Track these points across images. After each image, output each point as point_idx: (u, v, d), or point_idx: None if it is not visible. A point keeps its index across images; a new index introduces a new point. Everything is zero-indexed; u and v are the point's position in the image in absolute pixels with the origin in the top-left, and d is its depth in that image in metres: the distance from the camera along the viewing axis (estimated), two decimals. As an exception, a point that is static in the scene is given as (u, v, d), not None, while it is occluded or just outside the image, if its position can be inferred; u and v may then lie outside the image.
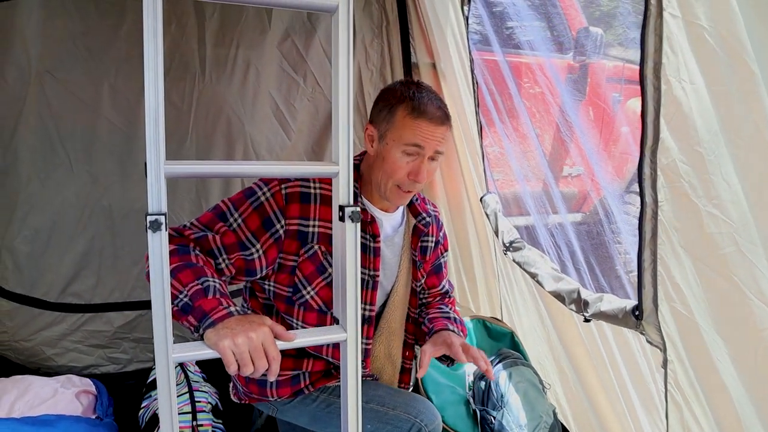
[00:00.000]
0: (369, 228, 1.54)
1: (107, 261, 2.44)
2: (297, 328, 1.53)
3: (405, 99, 1.48)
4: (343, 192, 1.10)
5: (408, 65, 2.68)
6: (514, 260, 2.33)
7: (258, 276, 1.47)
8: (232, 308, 1.14)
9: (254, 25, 2.45)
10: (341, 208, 1.10)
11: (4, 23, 2.11)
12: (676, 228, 1.40)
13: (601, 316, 1.82)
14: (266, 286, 1.54)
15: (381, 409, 1.57)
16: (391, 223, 1.65)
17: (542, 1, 2.35)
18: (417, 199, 1.71)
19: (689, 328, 1.41)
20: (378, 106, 1.53)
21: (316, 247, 1.45)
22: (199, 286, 1.18)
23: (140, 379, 2.33)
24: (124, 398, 2.24)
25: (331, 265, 1.46)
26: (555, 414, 2.11)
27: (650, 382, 1.70)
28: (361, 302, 1.53)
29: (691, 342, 1.42)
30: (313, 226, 1.44)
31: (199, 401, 2.07)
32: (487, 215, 2.49)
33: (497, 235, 2.40)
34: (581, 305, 1.91)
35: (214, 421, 2.03)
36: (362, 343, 1.56)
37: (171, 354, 1.01)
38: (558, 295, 2.05)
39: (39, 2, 2.13)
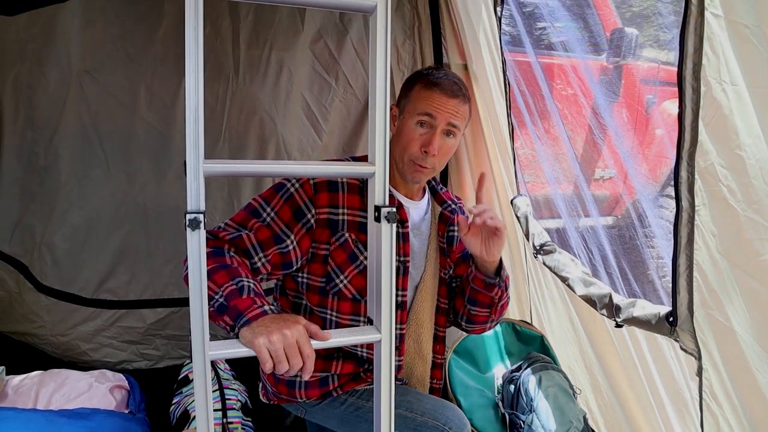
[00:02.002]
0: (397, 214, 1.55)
1: (141, 258, 2.49)
2: (331, 320, 1.54)
3: (422, 75, 1.57)
4: (379, 193, 1.11)
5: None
6: (544, 263, 2.32)
7: (294, 268, 1.49)
8: (266, 307, 1.15)
9: (287, 26, 2.48)
10: (377, 209, 1.11)
11: (48, 26, 2.17)
12: (714, 233, 1.37)
13: (634, 321, 1.80)
14: (299, 279, 1.55)
15: (409, 415, 1.56)
16: (418, 211, 1.66)
17: (577, 1, 2.33)
18: (441, 188, 1.74)
19: (726, 336, 1.39)
20: (402, 90, 1.62)
21: (347, 234, 1.47)
22: (234, 287, 1.20)
23: (171, 376, 2.36)
24: (155, 394, 2.27)
25: (362, 253, 1.48)
26: (586, 420, 2.08)
27: (684, 390, 1.67)
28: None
29: (727, 350, 1.39)
30: (342, 214, 1.46)
31: (229, 399, 2.09)
32: (517, 218, 2.47)
33: (527, 238, 2.38)
34: (613, 310, 1.89)
35: (243, 419, 2.06)
36: (396, 328, 1.53)
37: (207, 351, 1.03)
38: (589, 300, 2.02)
39: (81, 6, 2.18)
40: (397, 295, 1.56)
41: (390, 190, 1.52)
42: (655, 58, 3.46)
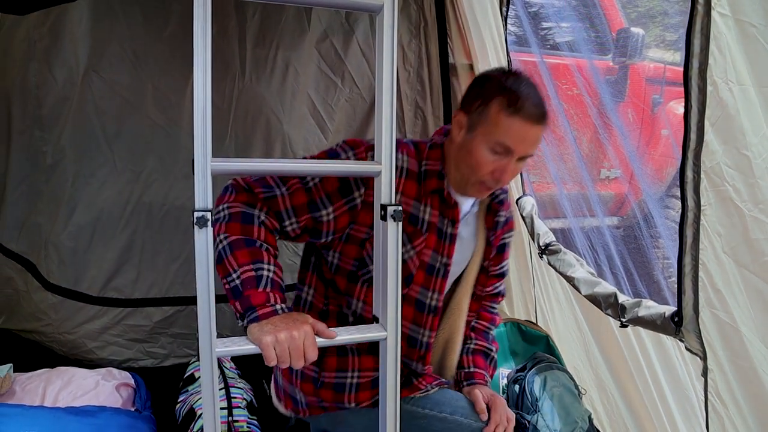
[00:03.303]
0: (450, 213, 1.44)
1: (147, 257, 2.50)
2: (355, 310, 1.44)
3: (502, 91, 1.34)
4: (385, 191, 1.12)
5: (445, 66, 2.68)
6: (549, 263, 2.32)
7: (321, 240, 1.39)
8: (278, 306, 1.15)
9: (293, 26, 2.49)
10: (383, 207, 1.11)
11: (57, 25, 2.18)
12: (719, 233, 1.37)
13: (639, 321, 1.80)
14: (330, 257, 1.45)
15: (440, 415, 1.50)
16: (468, 204, 1.55)
17: (583, 1, 2.33)
18: None
19: (731, 336, 1.39)
20: (472, 94, 1.41)
21: None
22: (252, 273, 1.17)
23: (177, 374, 2.37)
24: (160, 392, 2.28)
25: (404, 245, 1.38)
26: (591, 420, 2.08)
27: (690, 390, 1.67)
28: (428, 290, 1.44)
29: (733, 350, 1.39)
30: (398, 199, 1.36)
31: (235, 397, 2.10)
32: (523, 218, 2.47)
33: (533, 238, 2.38)
34: (618, 310, 1.88)
35: (249, 418, 2.06)
36: (425, 335, 1.48)
37: (214, 348, 1.03)
38: (594, 300, 2.02)
39: (89, 6, 2.20)
40: (431, 299, 1.46)
41: (447, 188, 1.43)
42: (661, 58, 3.46)
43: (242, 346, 1.09)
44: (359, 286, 1.43)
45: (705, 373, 1.47)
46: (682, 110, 1.40)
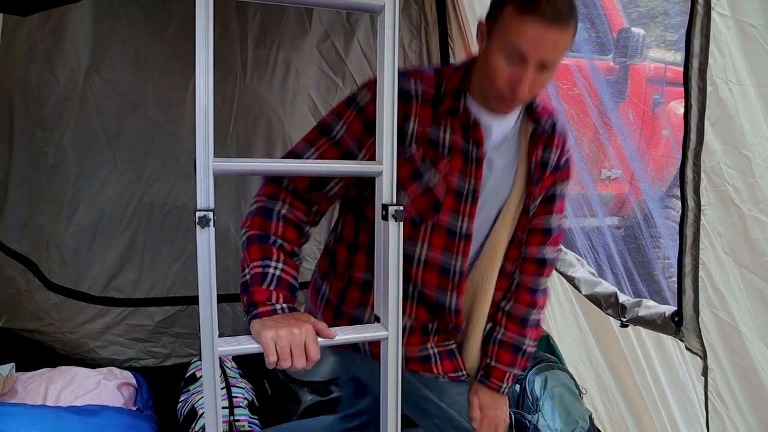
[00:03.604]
0: (472, 133, 1.32)
1: (149, 257, 2.51)
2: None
3: None
4: (386, 191, 1.12)
5: (446, 67, 2.69)
6: (550, 263, 2.32)
7: (368, 188, 1.33)
8: (278, 305, 1.14)
9: (294, 26, 2.49)
10: (384, 207, 1.12)
11: (58, 26, 2.19)
12: (719, 233, 1.38)
13: (639, 321, 1.80)
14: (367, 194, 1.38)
15: (438, 402, 1.48)
16: (502, 128, 1.38)
17: (583, 1, 2.33)
18: (537, 103, 1.40)
19: (732, 336, 1.39)
20: (493, 1, 1.30)
21: (414, 148, 1.31)
22: (259, 270, 1.17)
23: (178, 374, 2.38)
24: (162, 392, 2.28)
25: (428, 171, 1.31)
26: (591, 419, 2.08)
27: (690, 389, 1.68)
28: (458, 217, 1.34)
29: (733, 350, 1.40)
30: (413, 126, 1.30)
31: (236, 396, 2.11)
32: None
33: (534, 238, 2.38)
34: (618, 310, 1.89)
35: (250, 417, 2.07)
36: (458, 262, 1.37)
37: (216, 347, 1.04)
38: (595, 299, 2.03)
39: (91, 7, 2.20)
40: (461, 226, 1.36)
41: (468, 105, 1.33)
42: (661, 58, 3.46)
43: (244, 345, 1.09)
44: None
45: (705, 372, 1.48)
46: (682, 110, 1.40)
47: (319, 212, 1.34)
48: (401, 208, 1.12)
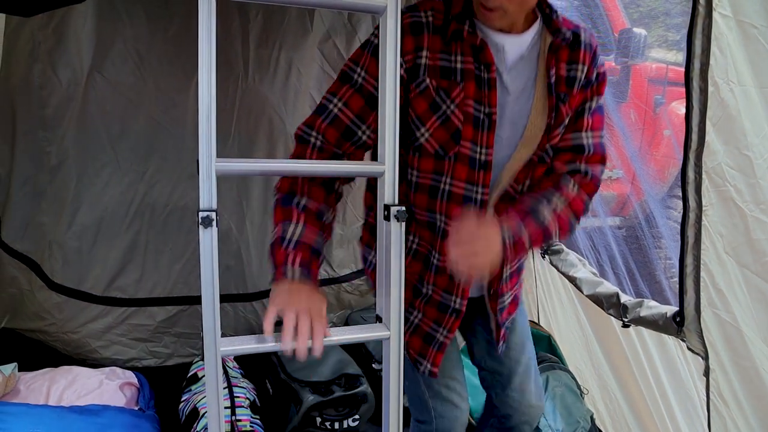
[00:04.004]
0: (481, 56, 1.27)
1: (151, 257, 2.51)
2: (411, 180, 1.35)
3: None
4: (388, 192, 1.12)
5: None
6: (552, 263, 2.32)
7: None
8: (290, 270, 1.14)
9: (296, 26, 2.49)
10: (386, 207, 1.12)
11: (61, 27, 2.19)
12: (721, 233, 1.38)
13: (641, 321, 1.80)
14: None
15: (422, 388, 1.49)
16: (518, 46, 1.31)
17: (585, 2, 2.33)
18: (557, 14, 1.33)
19: (733, 336, 1.39)
20: None
21: (427, 80, 1.28)
22: (279, 234, 1.20)
23: (180, 374, 2.38)
24: (163, 392, 2.29)
25: (444, 102, 1.28)
26: (593, 419, 2.09)
27: (692, 389, 1.68)
28: (477, 145, 1.29)
29: (735, 350, 1.40)
30: (425, 57, 1.27)
31: (238, 396, 2.11)
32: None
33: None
34: (620, 310, 1.89)
35: (252, 417, 2.07)
36: (478, 192, 1.32)
37: (219, 347, 1.04)
38: (596, 300, 2.03)
39: (93, 7, 2.20)
40: (480, 154, 1.31)
41: (477, 25, 1.29)
42: (663, 58, 3.46)
43: (246, 345, 1.09)
44: (411, 155, 1.34)
45: (707, 372, 1.48)
46: (684, 111, 1.40)
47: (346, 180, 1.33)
48: (403, 208, 1.12)
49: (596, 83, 1.36)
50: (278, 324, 2.86)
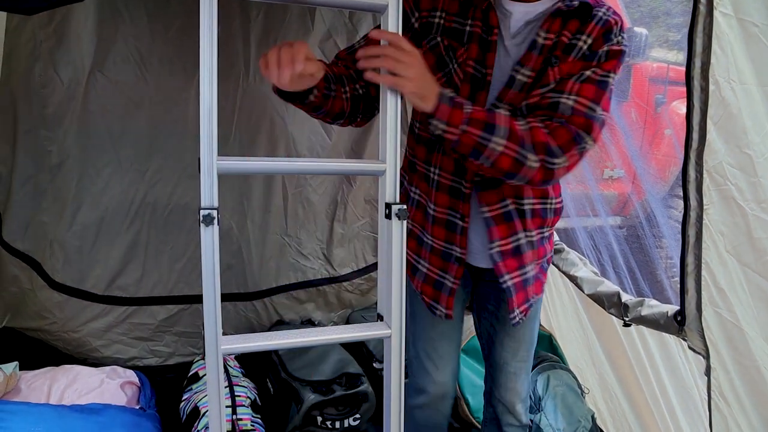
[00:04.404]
0: (488, 19, 1.31)
1: (152, 256, 2.51)
2: (415, 130, 1.44)
3: None
4: (390, 190, 1.12)
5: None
6: (552, 262, 2.32)
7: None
8: None
9: (297, 25, 2.49)
10: (387, 206, 1.12)
11: (62, 25, 2.19)
12: (722, 232, 1.38)
13: (642, 321, 1.80)
14: None
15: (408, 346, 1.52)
16: (524, 13, 1.32)
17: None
18: None
19: (734, 335, 1.39)
20: None
21: (438, 39, 1.34)
22: None
23: (180, 373, 2.38)
24: (164, 391, 2.29)
25: (452, 61, 1.33)
26: (594, 419, 2.09)
27: (693, 389, 1.68)
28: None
29: (736, 349, 1.40)
30: (440, 17, 1.34)
31: (239, 395, 2.11)
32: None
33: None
34: (621, 309, 1.89)
35: (253, 416, 2.07)
36: None
37: (220, 346, 1.04)
38: (597, 299, 2.03)
39: (94, 6, 2.20)
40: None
41: None
42: (664, 57, 3.46)
43: (248, 344, 1.09)
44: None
45: (708, 372, 1.48)
46: (685, 110, 1.40)
47: (363, 90, 1.33)
48: (404, 206, 1.12)
49: (605, 59, 1.28)
50: (280, 323, 2.84)
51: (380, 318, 1.19)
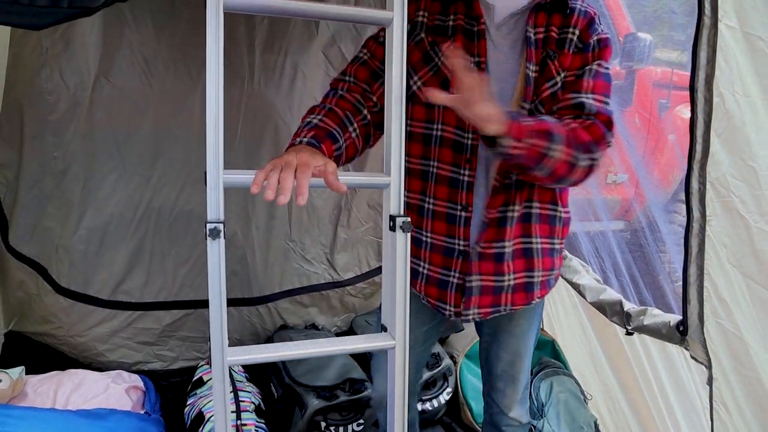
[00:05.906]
0: (472, 11, 1.34)
1: (156, 261, 2.52)
2: (406, 128, 1.37)
3: None
4: (394, 203, 1.13)
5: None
6: (556, 269, 2.32)
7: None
8: (297, 139, 1.19)
9: (302, 31, 2.50)
10: (392, 218, 1.13)
11: (68, 32, 2.20)
12: (725, 244, 1.38)
13: (644, 330, 1.81)
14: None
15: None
16: (507, 8, 1.35)
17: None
18: None
19: (736, 346, 1.40)
20: None
21: (422, 35, 1.38)
22: (303, 123, 1.27)
23: (185, 377, 2.39)
24: (169, 395, 2.30)
25: (437, 56, 1.36)
26: (596, 425, 2.09)
27: (695, 398, 1.68)
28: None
29: (738, 360, 1.40)
30: (423, 16, 1.39)
31: (243, 401, 2.12)
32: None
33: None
34: (624, 318, 1.90)
35: (257, 421, 2.08)
36: (468, 137, 1.35)
37: (226, 357, 1.05)
38: (600, 307, 2.03)
39: (100, 13, 2.20)
40: None
41: None
42: (667, 58, 3.45)
43: (253, 355, 1.10)
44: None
45: (710, 381, 1.49)
46: (688, 115, 1.41)
47: (378, 106, 1.36)
48: (408, 219, 1.13)
49: (598, 48, 1.34)
50: (284, 328, 2.85)
51: (384, 329, 1.20)
